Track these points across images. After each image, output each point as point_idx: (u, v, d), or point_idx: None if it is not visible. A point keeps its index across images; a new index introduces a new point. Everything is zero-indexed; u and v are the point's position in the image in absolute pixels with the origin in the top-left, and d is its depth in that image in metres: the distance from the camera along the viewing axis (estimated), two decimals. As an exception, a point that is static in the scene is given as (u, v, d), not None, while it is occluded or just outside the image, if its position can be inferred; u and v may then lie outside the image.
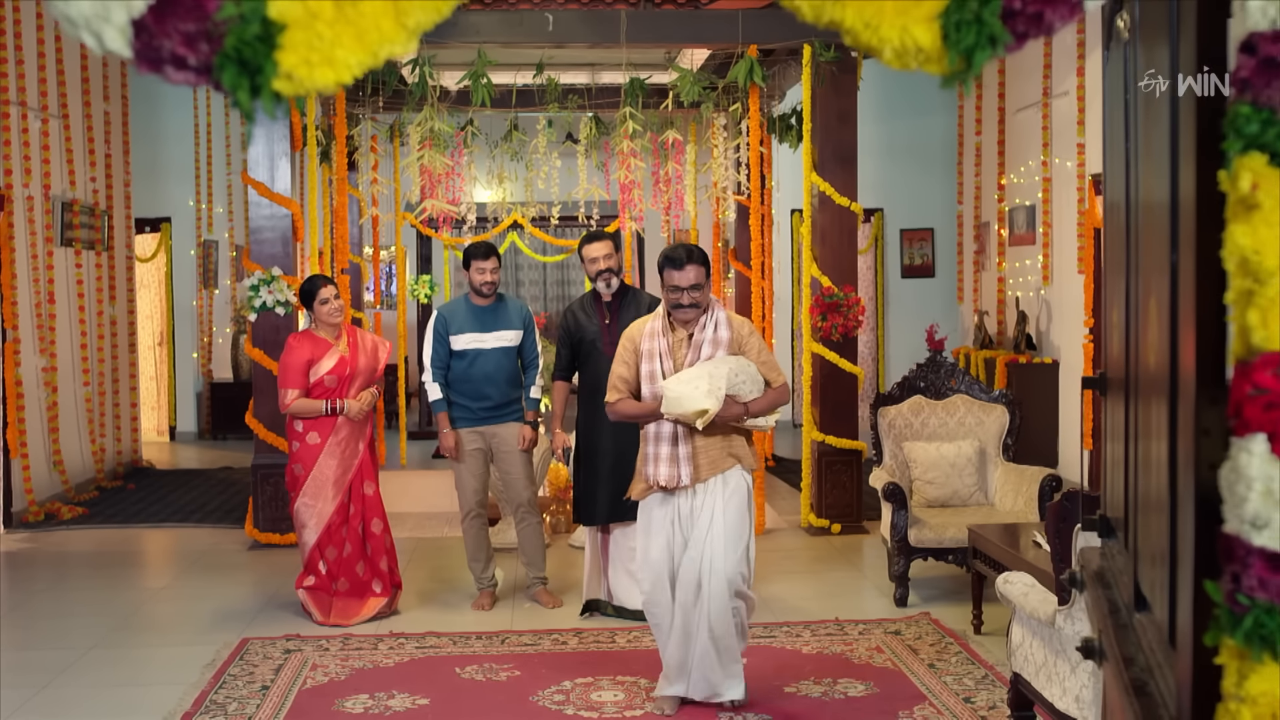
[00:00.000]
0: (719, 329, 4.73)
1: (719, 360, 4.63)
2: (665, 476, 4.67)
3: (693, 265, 4.68)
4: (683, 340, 4.77)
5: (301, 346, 6.18)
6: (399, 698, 5.16)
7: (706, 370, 4.57)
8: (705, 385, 4.49)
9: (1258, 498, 1.26)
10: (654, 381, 4.69)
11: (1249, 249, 1.24)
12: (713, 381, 4.50)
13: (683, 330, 4.78)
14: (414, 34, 1.18)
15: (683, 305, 4.71)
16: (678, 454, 4.67)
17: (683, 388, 4.51)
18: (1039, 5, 1.20)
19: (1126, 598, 2.07)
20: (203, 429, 13.59)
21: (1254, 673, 1.27)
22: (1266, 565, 1.25)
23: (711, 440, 4.70)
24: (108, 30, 1.13)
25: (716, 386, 4.50)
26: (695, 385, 4.50)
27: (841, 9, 1.20)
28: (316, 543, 6.21)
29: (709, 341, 4.71)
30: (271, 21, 1.13)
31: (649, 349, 4.75)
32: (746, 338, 4.78)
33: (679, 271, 4.69)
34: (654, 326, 4.79)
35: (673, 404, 4.52)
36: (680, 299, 4.70)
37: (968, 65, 1.20)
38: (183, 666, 5.63)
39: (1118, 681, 1.80)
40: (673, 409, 4.53)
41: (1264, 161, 1.24)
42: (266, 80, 1.14)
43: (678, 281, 4.70)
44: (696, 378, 4.53)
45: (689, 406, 4.47)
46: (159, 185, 12.89)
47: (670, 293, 4.73)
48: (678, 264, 4.69)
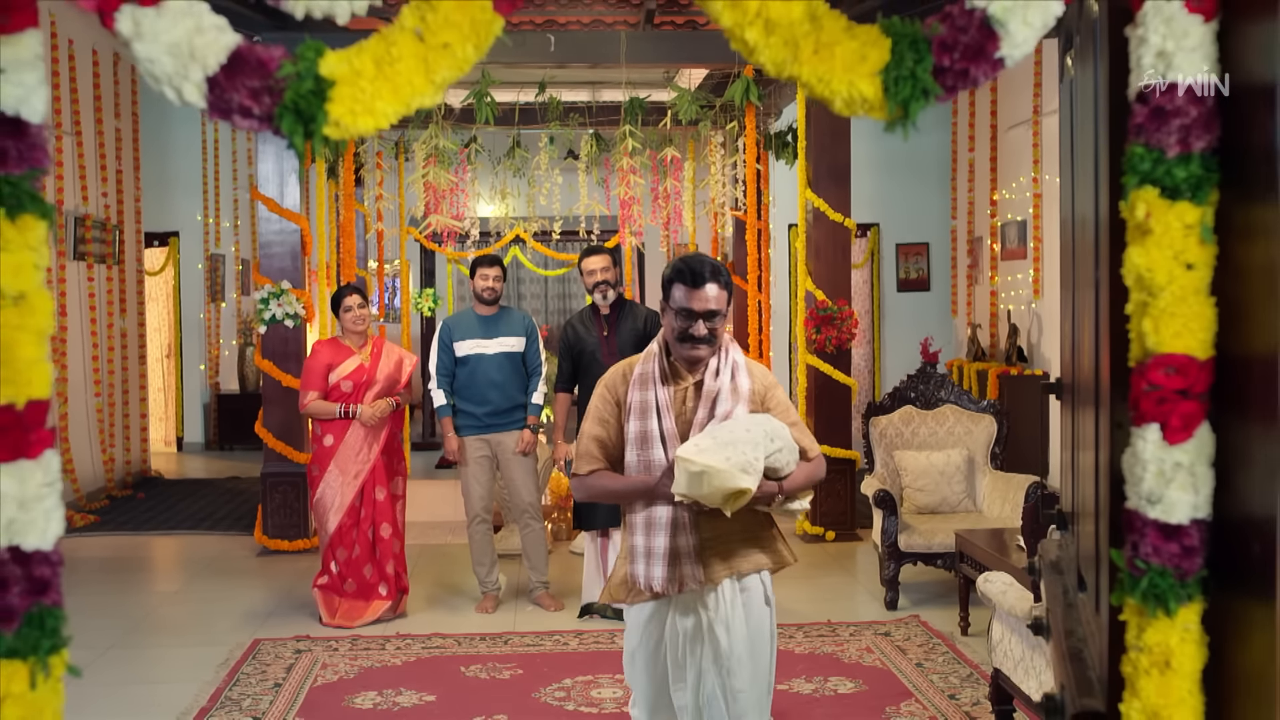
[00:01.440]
0: (738, 375, 3.39)
1: (750, 420, 3.30)
2: (662, 581, 3.35)
3: (715, 285, 3.32)
4: (687, 390, 3.41)
5: (323, 351, 6.48)
6: (407, 695, 5.37)
7: (738, 434, 3.22)
8: (740, 456, 3.15)
9: (1151, 478, 1.48)
10: (649, 446, 3.36)
11: (1143, 267, 1.47)
12: (750, 451, 3.18)
13: (687, 376, 3.42)
14: (440, 88, 1.41)
15: (696, 339, 3.33)
16: (680, 548, 3.34)
17: (711, 459, 3.12)
18: (965, 63, 1.43)
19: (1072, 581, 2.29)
20: (209, 440, 13.81)
21: (1150, 626, 1.50)
22: (1159, 534, 1.48)
23: (728, 528, 3.39)
24: (186, 86, 1.36)
25: (754, 458, 3.17)
26: (727, 456, 3.13)
27: (799, 67, 1.43)
28: (329, 543, 6.46)
29: (726, 393, 3.36)
30: (323, 78, 1.36)
31: (640, 402, 3.38)
32: (771, 389, 3.48)
33: (695, 291, 3.31)
34: (646, 371, 3.42)
35: (696, 482, 3.13)
36: (693, 329, 3.32)
37: (905, 113, 1.43)
38: (197, 665, 5.84)
39: (1058, 650, 2.02)
40: (695, 489, 3.14)
41: (1156, 194, 1.47)
42: (318, 127, 1.37)
43: (692, 305, 3.31)
44: (727, 444, 3.17)
45: (723, 484, 3.11)
46: (167, 200, 13.15)
47: (678, 319, 3.33)
48: (694, 280, 3.31)
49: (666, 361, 3.42)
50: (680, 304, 3.32)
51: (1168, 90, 1.45)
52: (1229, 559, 1.50)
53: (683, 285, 3.32)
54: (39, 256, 1.43)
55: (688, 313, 3.32)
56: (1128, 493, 1.53)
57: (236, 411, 13.26)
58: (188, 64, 1.34)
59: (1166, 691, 1.50)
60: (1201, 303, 1.47)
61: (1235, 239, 1.47)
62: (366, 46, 1.38)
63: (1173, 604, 1.49)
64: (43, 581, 1.41)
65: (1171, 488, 1.48)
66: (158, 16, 1.33)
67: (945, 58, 1.42)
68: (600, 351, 6.39)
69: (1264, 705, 1.43)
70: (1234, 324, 1.47)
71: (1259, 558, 1.43)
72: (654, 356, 3.42)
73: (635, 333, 6.39)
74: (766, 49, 1.42)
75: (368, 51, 1.38)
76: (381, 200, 10.52)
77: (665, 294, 3.39)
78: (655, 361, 3.41)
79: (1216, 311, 1.48)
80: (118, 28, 1.31)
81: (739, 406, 3.33)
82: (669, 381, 3.39)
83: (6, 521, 1.38)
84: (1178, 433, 1.47)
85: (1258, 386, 1.42)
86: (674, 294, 3.35)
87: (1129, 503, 1.53)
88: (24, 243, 1.40)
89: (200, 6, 1.36)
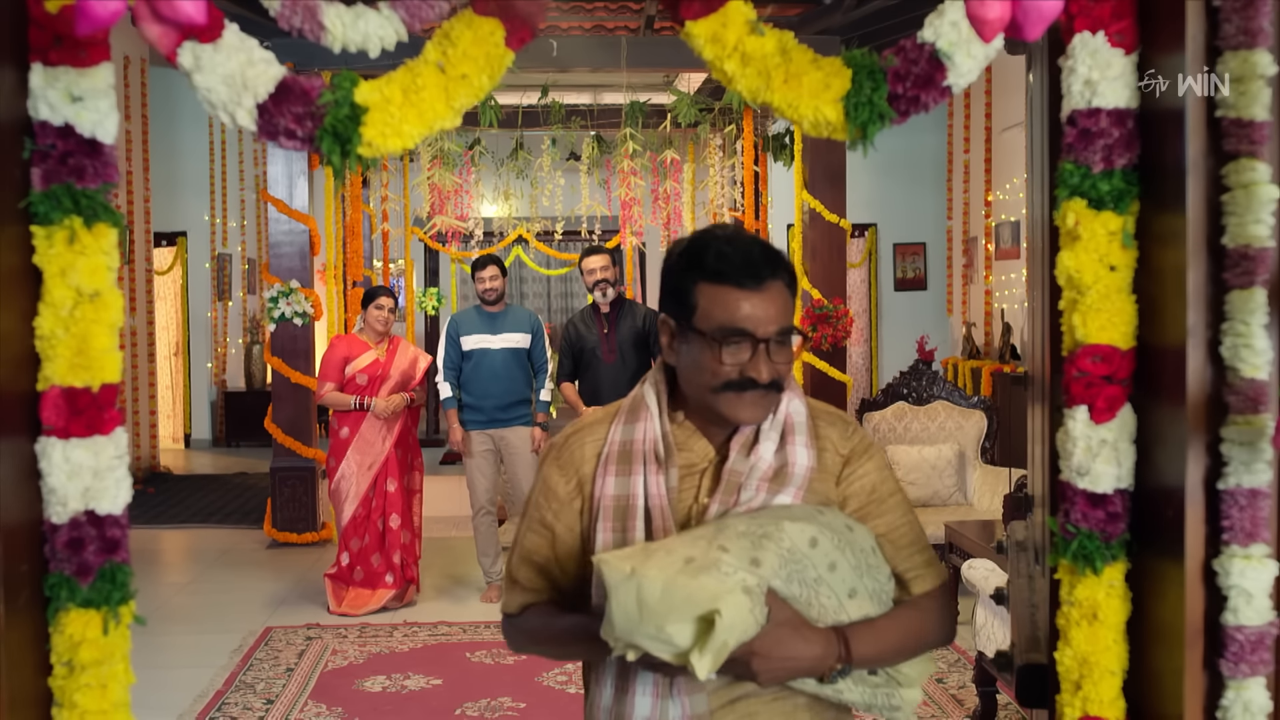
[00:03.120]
0: (790, 442, 1.82)
1: (792, 512, 1.74)
2: None
3: (780, 283, 1.75)
4: (703, 473, 1.83)
5: (340, 345, 6.75)
6: (414, 678, 5.59)
7: (748, 527, 1.70)
8: (737, 559, 1.64)
9: (1080, 453, 1.70)
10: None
11: (1073, 269, 1.69)
12: (770, 555, 1.67)
13: (702, 445, 1.85)
14: (459, 113, 1.62)
15: (758, 386, 1.75)
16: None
17: (662, 560, 1.64)
18: (916, 91, 1.64)
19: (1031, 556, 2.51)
20: (217, 436, 14.04)
21: (1080, 583, 1.72)
22: (1087, 503, 1.70)
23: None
24: (240, 112, 1.58)
25: (771, 572, 1.66)
26: (698, 557, 1.65)
27: (771, 94, 1.64)
28: (343, 533, 6.70)
29: (762, 476, 1.80)
30: (357, 105, 1.57)
31: (618, 498, 1.83)
32: (859, 459, 1.86)
33: (755, 295, 1.73)
34: (633, 438, 1.85)
35: (627, 606, 1.60)
36: (751, 369, 1.74)
37: (864, 134, 1.64)
38: (211, 652, 6.06)
39: (1014, 614, 2.24)
40: (628, 621, 1.60)
41: (1084, 204, 1.68)
42: (353, 148, 1.58)
43: (751, 324, 1.73)
44: (710, 540, 1.68)
45: (681, 606, 1.58)
46: (175, 200, 13.37)
47: (723, 350, 1.74)
48: (752, 277, 1.73)
49: (668, 421, 1.84)
50: (725, 321, 1.71)
51: (1093, 114, 1.67)
52: (1148, 523, 1.71)
53: (728, 285, 1.71)
54: (110, 260, 1.64)
55: (738, 337, 1.71)
56: (1060, 466, 1.75)
57: (243, 408, 13.49)
58: (241, 93, 1.55)
59: (1094, 640, 1.71)
60: (1124, 300, 1.69)
61: (1153, 244, 1.68)
62: (395, 77, 1.59)
63: (1099, 563, 1.71)
64: (114, 541, 1.62)
65: (1098, 461, 1.69)
66: (214, 51, 1.53)
67: (899, 86, 1.63)
68: (601, 348, 6.64)
69: (1175, 650, 1.64)
70: (1152, 318, 1.69)
71: (1171, 522, 1.65)
72: (646, 410, 1.85)
73: (635, 331, 6.64)
74: (743, 78, 1.63)
75: (396, 82, 1.59)
76: (387, 201, 10.74)
77: (679, 301, 1.77)
78: (650, 420, 1.84)
79: (1137, 307, 1.70)
80: (180, 61, 1.52)
81: (783, 496, 1.77)
82: (670, 457, 1.81)
83: (84, 489, 1.59)
84: (1103, 413, 1.69)
85: (1170, 373, 1.64)
86: (705, 301, 1.73)
87: (1062, 475, 1.75)
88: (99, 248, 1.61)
89: (251, 42, 1.57)
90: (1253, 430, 1.57)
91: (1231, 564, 1.61)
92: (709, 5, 1.59)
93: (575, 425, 1.91)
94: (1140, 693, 1.74)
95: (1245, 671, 1.62)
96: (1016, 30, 1.58)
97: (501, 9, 1.60)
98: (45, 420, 1.59)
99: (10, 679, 1.58)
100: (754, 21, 1.61)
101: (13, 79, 1.56)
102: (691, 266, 1.75)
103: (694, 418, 1.83)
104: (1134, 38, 1.66)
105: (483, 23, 1.59)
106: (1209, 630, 1.64)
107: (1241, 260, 1.57)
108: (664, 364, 1.87)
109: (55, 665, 1.67)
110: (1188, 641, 1.63)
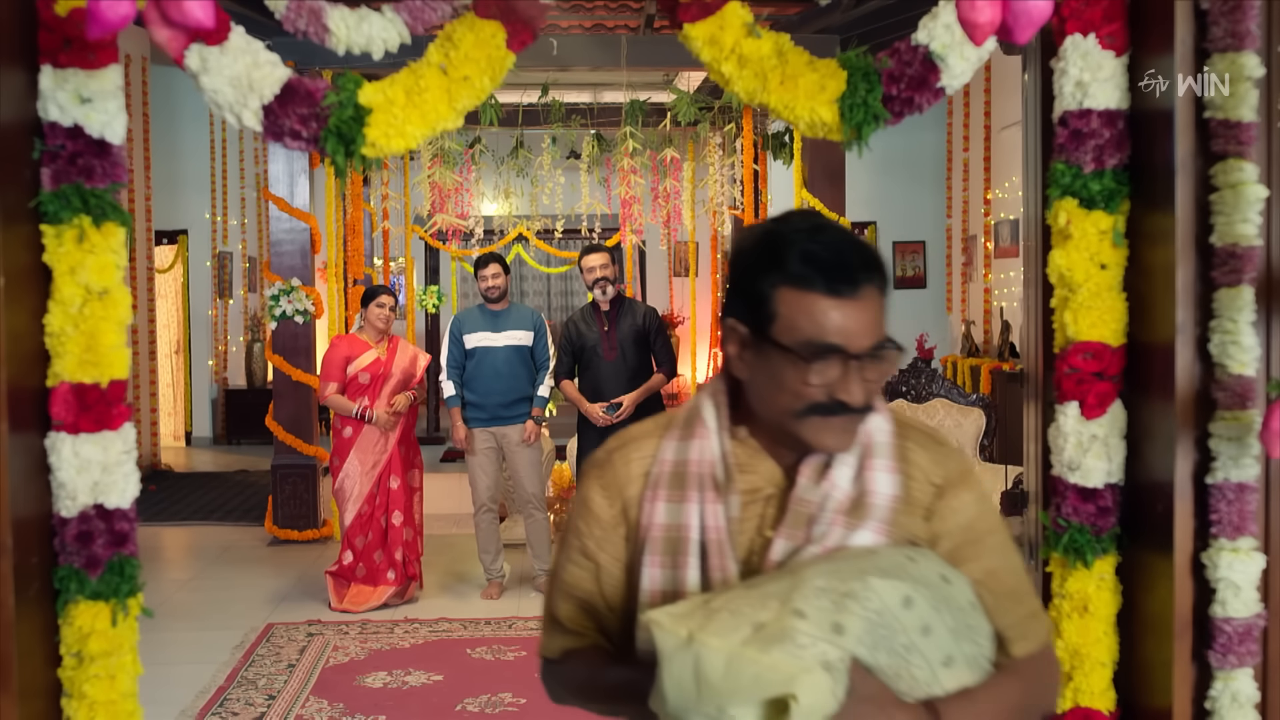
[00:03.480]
0: (870, 467, 1.55)
1: (878, 560, 1.45)
2: None
3: (873, 288, 1.47)
4: (768, 500, 1.57)
5: (341, 344, 6.79)
6: (415, 674, 5.62)
7: (827, 581, 1.40)
8: (815, 628, 1.35)
9: (1071, 448, 1.73)
10: None
11: (1064, 267, 1.71)
12: (855, 620, 1.36)
13: (768, 468, 1.58)
14: (461, 114, 1.65)
15: (849, 409, 1.49)
16: None
17: (721, 626, 1.37)
18: (910, 93, 1.67)
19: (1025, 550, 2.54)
20: (218, 434, 14.06)
21: (1071, 576, 1.75)
22: (1078, 497, 1.73)
23: None
24: (245, 113, 1.60)
25: (855, 641, 1.36)
26: (767, 624, 1.36)
27: (768, 95, 1.67)
28: (347, 531, 6.74)
29: (838, 506, 1.53)
30: (361, 106, 1.60)
31: (669, 527, 1.58)
32: (953, 490, 1.56)
33: (850, 304, 1.46)
34: (688, 459, 1.59)
35: (682, 678, 1.36)
36: (841, 390, 1.48)
37: (859, 135, 1.67)
38: (213, 648, 6.09)
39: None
40: (681, 693, 1.37)
41: (1075, 204, 1.71)
42: (357, 148, 1.61)
43: (845, 339, 1.46)
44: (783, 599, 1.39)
45: (749, 684, 1.33)
46: (177, 198, 13.39)
47: (810, 370, 1.47)
48: (847, 280, 1.46)
49: (729, 439, 1.59)
50: (814, 335, 1.47)
51: (1084, 115, 1.70)
52: (1138, 517, 1.74)
53: (816, 293, 1.46)
54: (119, 258, 1.67)
55: (828, 354, 1.47)
56: (1052, 461, 1.78)
57: (244, 406, 13.51)
58: (247, 94, 1.58)
59: (1085, 632, 1.74)
60: (1114, 297, 1.72)
61: (1143, 243, 1.71)
62: (398, 79, 1.62)
63: (1090, 557, 1.74)
64: (122, 535, 1.65)
65: (1088, 457, 1.72)
66: (220, 54, 1.56)
67: (893, 88, 1.66)
68: (601, 346, 6.68)
69: (1164, 642, 1.67)
70: (1141, 315, 1.72)
71: (1161, 516, 1.68)
72: (703, 425, 1.60)
73: (635, 329, 6.67)
74: (740, 80, 1.66)
75: (399, 83, 1.62)
76: (388, 199, 10.77)
77: (753, 306, 1.51)
78: (708, 438, 1.59)
79: (1127, 305, 1.73)
80: (187, 63, 1.55)
81: (863, 531, 1.52)
82: (731, 483, 1.57)
83: (92, 483, 1.62)
84: (1094, 409, 1.72)
85: (1159, 369, 1.67)
86: (788, 309, 1.48)
87: (1053, 470, 1.78)
88: (107, 246, 1.64)
89: (256, 44, 1.60)
90: (1240, 425, 1.60)
91: (1220, 557, 1.64)
92: (706, 8, 1.62)
93: (620, 439, 1.66)
94: (1130, 684, 1.77)
95: (1233, 662, 1.65)
96: (1007, 33, 1.61)
97: (503, 11, 1.63)
98: (55, 416, 1.62)
99: (21, 670, 1.61)
100: (751, 24, 1.64)
101: (23, 81, 1.59)
102: (771, 266, 1.46)
103: (760, 435, 1.56)
104: (1124, 40, 1.69)
105: (485, 25, 1.61)
106: (1198, 622, 1.67)
107: (1229, 259, 1.60)
108: (725, 373, 1.58)
109: (65, 656, 1.70)
110: (1177, 633, 1.66)
